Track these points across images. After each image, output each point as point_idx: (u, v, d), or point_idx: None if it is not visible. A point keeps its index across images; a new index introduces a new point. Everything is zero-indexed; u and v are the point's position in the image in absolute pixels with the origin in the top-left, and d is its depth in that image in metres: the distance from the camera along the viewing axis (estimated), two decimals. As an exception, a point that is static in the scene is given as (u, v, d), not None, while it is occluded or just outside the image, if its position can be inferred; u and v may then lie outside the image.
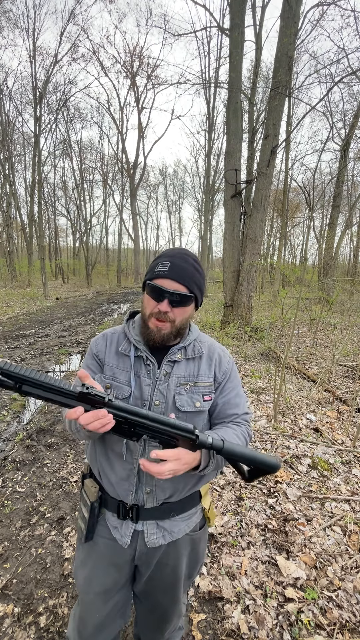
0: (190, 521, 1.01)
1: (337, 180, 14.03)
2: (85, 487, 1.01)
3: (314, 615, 1.57)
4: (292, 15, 6.79)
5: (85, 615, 1.01)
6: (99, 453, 0.98)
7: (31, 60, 17.36)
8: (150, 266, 0.93)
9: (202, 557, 1.09)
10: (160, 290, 0.85)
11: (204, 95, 18.35)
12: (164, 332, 0.89)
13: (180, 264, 0.87)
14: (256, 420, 3.55)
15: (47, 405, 3.93)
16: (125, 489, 0.93)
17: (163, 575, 1.00)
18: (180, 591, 1.05)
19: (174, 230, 46.59)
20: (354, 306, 8.07)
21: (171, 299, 0.86)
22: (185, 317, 0.92)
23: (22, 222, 23.40)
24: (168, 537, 0.96)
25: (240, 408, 1.01)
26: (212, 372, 0.98)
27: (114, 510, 0.95)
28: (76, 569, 1.04)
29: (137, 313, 1.05)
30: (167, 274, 0.85)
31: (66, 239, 41.37)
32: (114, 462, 0.94)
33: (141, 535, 0.94)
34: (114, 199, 32.66)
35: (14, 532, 2.06)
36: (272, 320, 7.82)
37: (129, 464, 0.92)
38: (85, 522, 0.96)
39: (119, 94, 34.37)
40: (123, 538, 0.94)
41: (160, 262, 0.88)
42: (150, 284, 0.88)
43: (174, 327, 0.90)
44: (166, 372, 0.93)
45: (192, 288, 0.88)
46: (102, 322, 9.64)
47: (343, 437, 3.27)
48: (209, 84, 17.64)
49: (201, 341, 1.01)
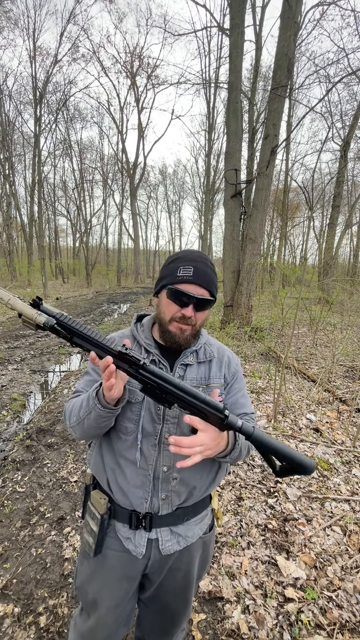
0: (203, 523, 1.00)
1: (337, 180, 14.03)
2: (92, 499, 0.97)
3: (314, 615, 1.57)
4: (292, 15, 6.78)
5: (94, 630, 0.98)
6: (109, 462, 0.95)
7: (31, 60, 17.37)
8: (168, 269, 0.89)
9: (210, 557, 1.09)
10: (187, 295, 0.85)
11: (204, 95, 18.39)
12: (187, 334, 0.90)
13: (203, 268, 0.86)
14: (256, 420, 3.54)
15: (47, 405, 3.93)
16: (139, 497, 0.90)
17: (175, 581, 0.99)
18: (192, 594, 1.05)
19: (174, 230, 46.69)
20: (354, 306, 8.06)
21: (195, 304, 0.86)
22: (204, 320, 0.93)
23: (22, 222, 23.41)
24: (183, 542, 0.95)
25: (247, 408, 1.02)
26: (222, 374, 0.99)
27: (125, 521, 0.92)
28: (82, 584, 0.99)
29: (144, 316, 1.04)
30: (192, 279, 0.85)
31: (66, 239, 41.43)
32: (126, 470, 0.91)
33: (155, 543, 0.92)
34: (114, 199, 32.73)
35: (14, 532, 2.06)
36: (272, 320, 7.82)
37: (144, 470, 0.89)
38: (95, 535, 0.92)
39: (119, 94, 34.43)
40: (138, 548, 0.91)
41: (182, 266, 0.86)
42: (173, 289, 0.86)
43: (195, 330, 0.91)
44: (179, 375, 0.93)
45: (213, 292, 0.89)
46: (102, 322, 9.64)
47: (343, 437, 3.27)
48: (209, 84, 17.66)
49: (210, 344, 1.02)
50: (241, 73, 7.87)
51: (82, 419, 0.86)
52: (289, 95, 7.98)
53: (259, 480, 2.58)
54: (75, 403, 0.91)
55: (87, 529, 0.97)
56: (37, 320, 0.74)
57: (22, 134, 23.04)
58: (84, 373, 1.03)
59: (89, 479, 1.04)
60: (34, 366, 5.41)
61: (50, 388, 4.62)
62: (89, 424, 0.86)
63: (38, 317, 0.75)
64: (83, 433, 0.90)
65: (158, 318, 0.94)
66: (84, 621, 1.00)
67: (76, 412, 0.88)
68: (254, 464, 2.76)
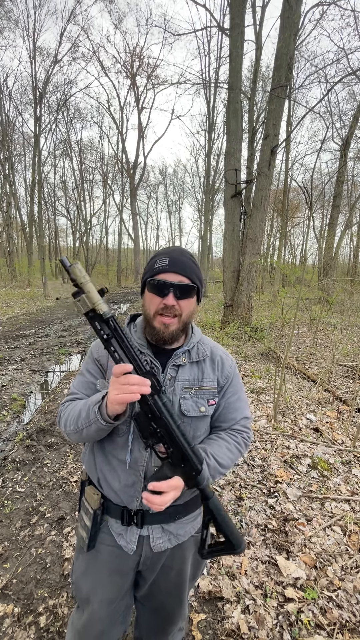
0: (195, 522, 1.00)
1: (337, 180, 14.03)
2: (86, 495, 0.98)
3: (314, 615, 1.57)
4: (292, 15, 6.78)
5: (88, 625, 0.98)
6: (100, 461, 0.96)
7: (31, 60, 17.39)
8: (148, 266, 0.92)
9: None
10: (164, 283, 0.85)
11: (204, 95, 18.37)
12: (172, 328, 0.88)
13: (178, 257, 0.88)
14: (256, 420, 3.55)
15: (47, 405, 3.93)
16: (130, 496, 0.91)
17: (168, 579, 0.99)
18: (186, 593, 1.05)
19: (174, 230, 46.60)
20: (354, 306, 8.07)
21: (175, 291, 0.86)
22: (190, 310, 0.91)
23: (22, 222, 23.39)
24: (174, 540, 0.95)
25: (239, 412, 1.01)
26: (215, 376, 0.97)
27: (117, 517, 0.93)
28: (77, 580, 1.00)
29: (138, 316, 1.03)
30: (168, 267, 0.86)
31: (66, 239, 41.45)
32: (117, 470, 0.92)
33: (146, 540, 0.93)
34: (114, 199, 32.75)
35: (14, 532, 2.06)
36: (272, 320, 7.83)
37: (135, 470, 0.90)
38: (88, 530, 0.93)
39: (119, 94, 34.41)
40: (129, 545, 0.92)
41: (159, 258, 0.88)
42: (152, 280, 0.87)
43: (181, 322, 0.90)
44: (171, 376, 0.92)
45: (194, 279, 0.88)
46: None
47: (343, 437, 3.27)
48: (209, 83, 17.65)
49: (204, 343, 1.00)
50: (241, 73, 7.87)
51: (81, 429, 0.86)
52: (288, 96, 7.97)
53: (259, 480, 2.58)
54: (72, 411, 0.90)
55: (81, 524, 0.98)
56: (99, 306, 0.73)
57: (22, 134, 23.06)
58: (78, 373, 1.02)
59: (84, 475, 1.04)
60: (34, 366, 5.41)
61: (50, 388, 4.62)
62: (88, 434, 0.86)
63: (101, 305, 0.73)
64: (80, 439, 0.91)
65: (145, 315, 0.94)
66: (79, 617, 1.00)
67: (73, 420, 0.87)
68: (254, 464, 2.76)
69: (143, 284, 0.92)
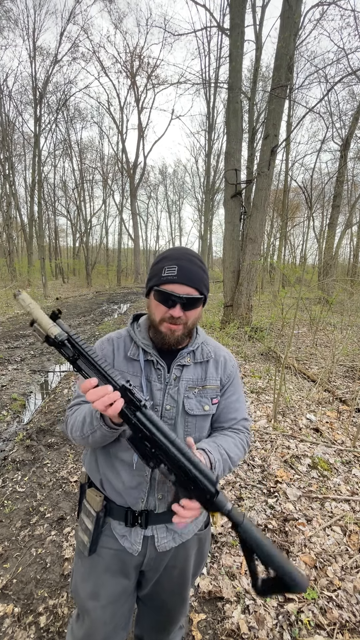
0: (198, 520, 1.00)
1: (337, 180, 14.02)
2: (87, 498, 0.97)
3: (314, 615, 1.57)
4: (292, 15, 6.78)
5: (90, 634, 0.95)
6: (102, 463, 0.95)
7: (31, 60, 17.38)
8: (154, 270, 0.88)
9: (206, 554, 1.09)
10: (173, 296, 0.82)
11: (204, 95, 18.40)
12: (177, 334, 0.88)
13: (187, 266, 0.84)
14: (256, 420, 3.55)
15: (47, 405, 3.93)
16: (135, 497, 0.90)
17: (171, 578, 0.99)
18: (188, 591, 1.05)
19: (174, 230, 46.57)
20: (354, 306, 8.07)
21: (183, 303, 0.84)
22: (196, 318, 0.91)
23: (22, 222, 23.39)
24: (178, 539, 0.95)
25: (239, 413, 1.01)
26: (218, 376, 0.98)
27: (120, 519, 0.92)
28: (76, 585, 0.98)
29: (141, 316, 1.02)
30: (176, 278, 0.82)
31: (66, 239, 41.40)
32: (120, 471, 0.91)
33: (151, 540, 0.92)
34: (114, 199, 32.71)
35: (14, 532, 2.06)
36: (272, 320, 7.82)
37: (141, 471, 0.89)
38: (90, 534, 0.92)
39: (119, 93, 34.42)
40: (133, 546, 0.91)
41: (167, 266, 0.84)
42: (159, 290, 0.84)
43: (187, 328, 0.89)
44: (176, 376, 0.92)
45: (202, 290, 0.86)
46: (102, 322, 9.64)
47: (343, 437, 3.27)
48: (209, 83, 17.66)
49: (207, 344, 1.00)
50: (241, 73, 7.87)
51: (87, 435, 0.84)
52: (288, 96, 7.97)
53: (259, 480, 2.58)
54: (77, 416, 0.89)
55: (82, 527, 0.96)
56: (50, 330, 0.71)
57: (22, 134, 23.03)
58: None
59: (84, 477, 1.03)
60: (34, 366, 5.41)
61: (50, 388, 4.62)
62: (94, 440, 0.85)
63: (52, 328, 0.72)
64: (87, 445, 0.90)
65: (150, 319, 0.93)
66: (80, 627, 0.98)
67: (79, 426, 0.87)
68: (254, 464, 2.76)
69: (149, 288, 0.90)
